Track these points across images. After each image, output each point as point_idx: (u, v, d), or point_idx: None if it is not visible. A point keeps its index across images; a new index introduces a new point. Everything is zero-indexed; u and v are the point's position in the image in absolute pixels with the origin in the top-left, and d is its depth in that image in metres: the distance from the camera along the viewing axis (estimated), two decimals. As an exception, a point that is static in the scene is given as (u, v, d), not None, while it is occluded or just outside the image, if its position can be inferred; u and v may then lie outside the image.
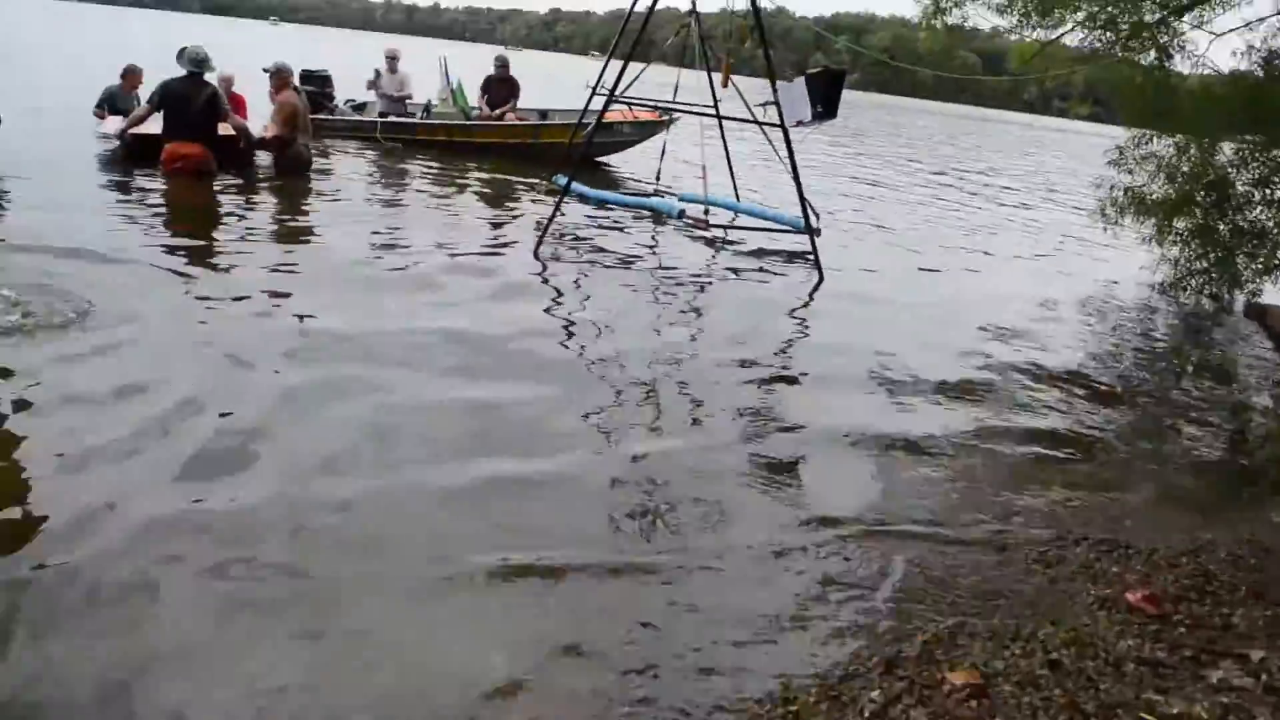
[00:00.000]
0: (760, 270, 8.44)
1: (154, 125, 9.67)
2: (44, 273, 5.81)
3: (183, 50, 9.65)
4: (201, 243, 7.27)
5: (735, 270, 8.33)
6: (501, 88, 14.53)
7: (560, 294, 6.90)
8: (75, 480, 3.51)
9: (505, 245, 8.22)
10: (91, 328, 5.04)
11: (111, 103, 11.10)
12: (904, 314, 7.55)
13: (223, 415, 4.16)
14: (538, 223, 8.74)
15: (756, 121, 8.63)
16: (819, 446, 4.60)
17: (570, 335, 5.97)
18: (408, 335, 5.51)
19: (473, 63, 17.86)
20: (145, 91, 10.63)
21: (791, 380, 5.64)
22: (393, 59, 14.58)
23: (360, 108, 14.67)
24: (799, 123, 8.24)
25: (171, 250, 6.86)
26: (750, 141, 11.42)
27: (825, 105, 8.11)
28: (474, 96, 14.46)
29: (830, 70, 8.33)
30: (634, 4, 9.10)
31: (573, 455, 4.18)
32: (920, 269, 9.48)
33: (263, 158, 10.58)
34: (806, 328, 6.90)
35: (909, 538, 3.78)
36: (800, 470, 4.32)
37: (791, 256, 8.97)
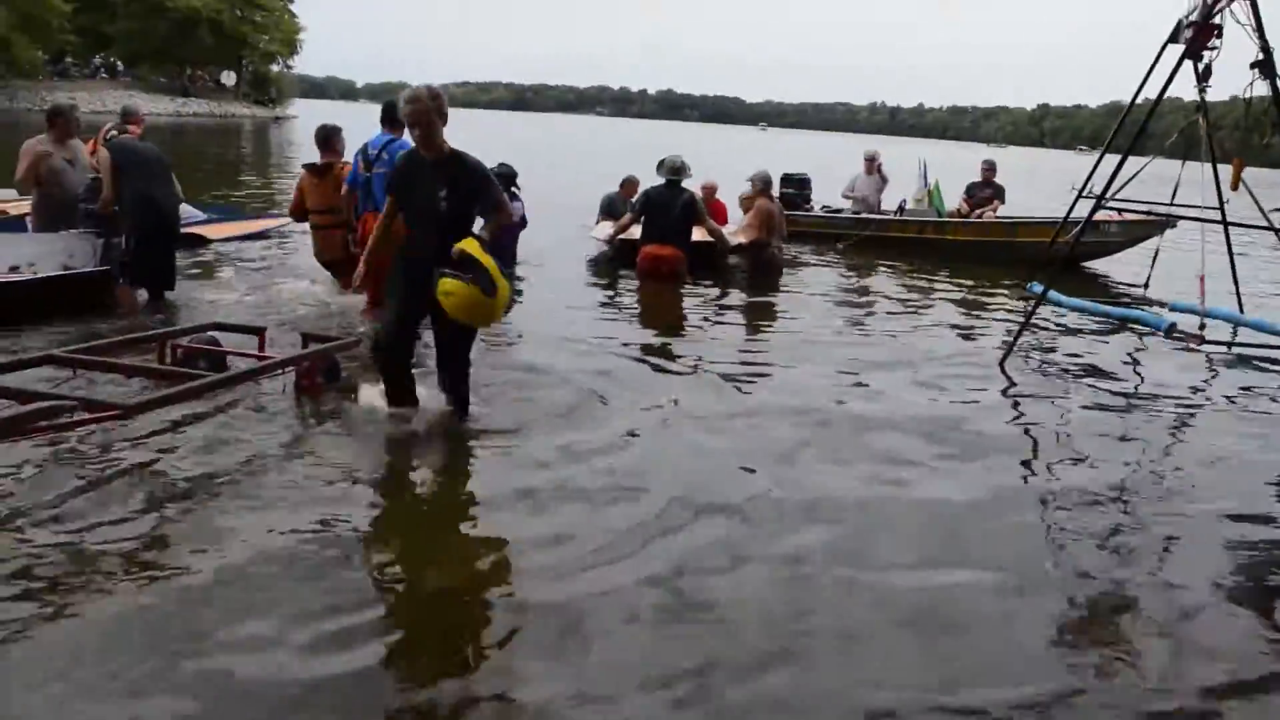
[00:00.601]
0: (1264, 397, 7.35)
1: (638, 231, 10.48)
2: (535, 365, 6.46)
3: (662, 161, 10.42)
4: (671, 343, 7.70)
5: (1232, 397, 7.23)
6: (985, 191, 14.21)
7: (1022, 414, 6.45)
8: (563, 582, 3.66)
9: (972, 355, 7.89)
10: (581, 421, 5.50)
11: (611, 208, 12.16)
12: None
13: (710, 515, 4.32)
14: (1007, 331, 8.33)
15: (1272, 228, 7.66)
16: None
17: (1031, 457, 5.54)
18: (864, 444, 5.42)
19: (956, 164, 17.63)
20: None
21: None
22: (871, 160, 14.79)
23: (835, 212, 14.98)
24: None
25: (647, 349, 7.33)
26: (1261, 246, 10.12)
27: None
28: (951, 200, 14.25)
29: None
30: (1135, 96, 8.44)
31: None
32: None
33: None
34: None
35: None
36: None
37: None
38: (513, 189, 10.27)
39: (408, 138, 7.54)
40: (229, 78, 73.32)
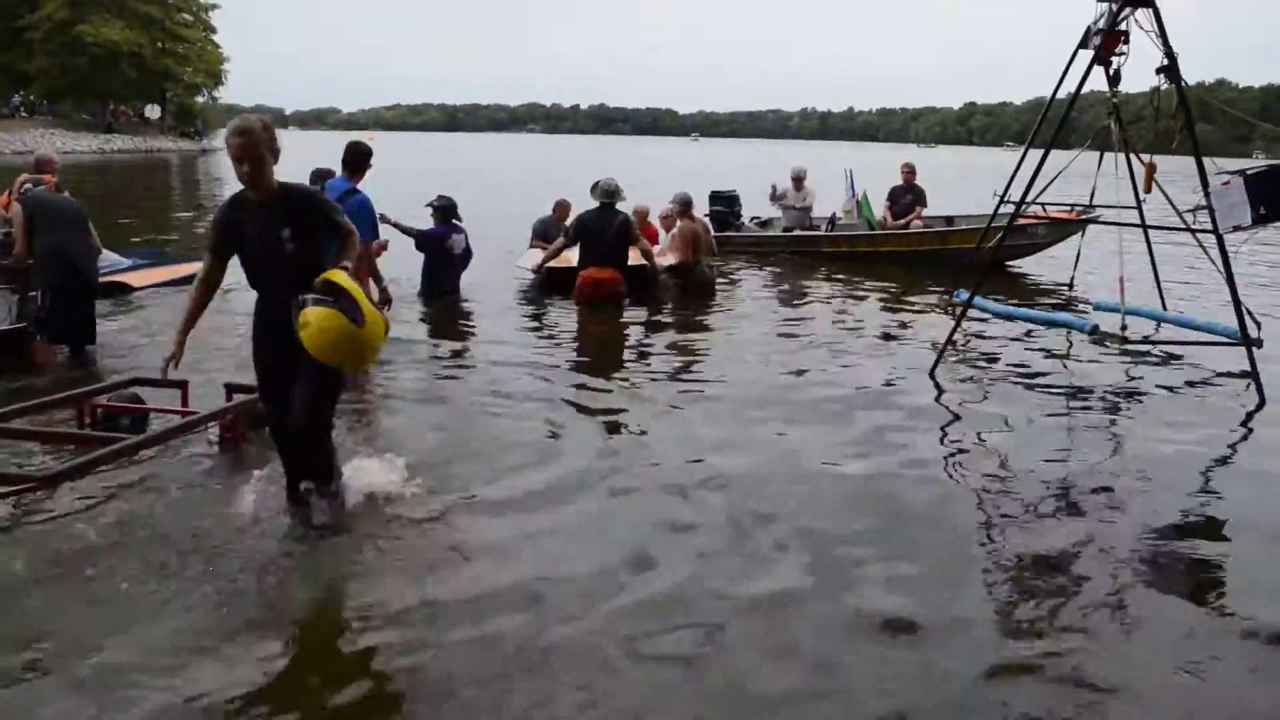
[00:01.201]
0: (1186, 390, 7.53)
1: (569, 258, 10.43)
2: (481, 402, 6.43)
3: (596, 184, 10.38)
4: (611, 371, 7.70)
5: (1156, 390, 7.45)
6: (906, 195, 14.43)
7: (958, 418, 6.54)
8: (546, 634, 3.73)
9: (902, 363, 7.99)
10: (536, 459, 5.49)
11: (544, 232, 12.10)
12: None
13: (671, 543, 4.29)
14: (935, 339, 8.43)
15: (1188, 228, 7.83)
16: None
17: (966, 466, 5.60)
18: (798, 476, 5.45)
19: (884, 166, 17.86)
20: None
21: (1214, 529, 4.88)
22: (798, 179, 14.93)
23: (765, 224, 15.11)
24: (1236, 227, 7.34)
25: (580, 387, 7.32)
26: (1177, 243, 10.35)
27: (1270, 207, 7.18)
28: (879, 207, 14.45)
29: (1277, 169, 7.37)
30: (1051, 99, 8.60)
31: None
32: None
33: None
34: (1242, 460, 6.01)
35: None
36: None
37: (1225, 375, 7.96)
38: (453, 220, 10.24)
39: (349, 184, 7.65)
40: (153, 111, 72.03)
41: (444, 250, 10.18)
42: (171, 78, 70.81)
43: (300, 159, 7.95)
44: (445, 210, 10.20)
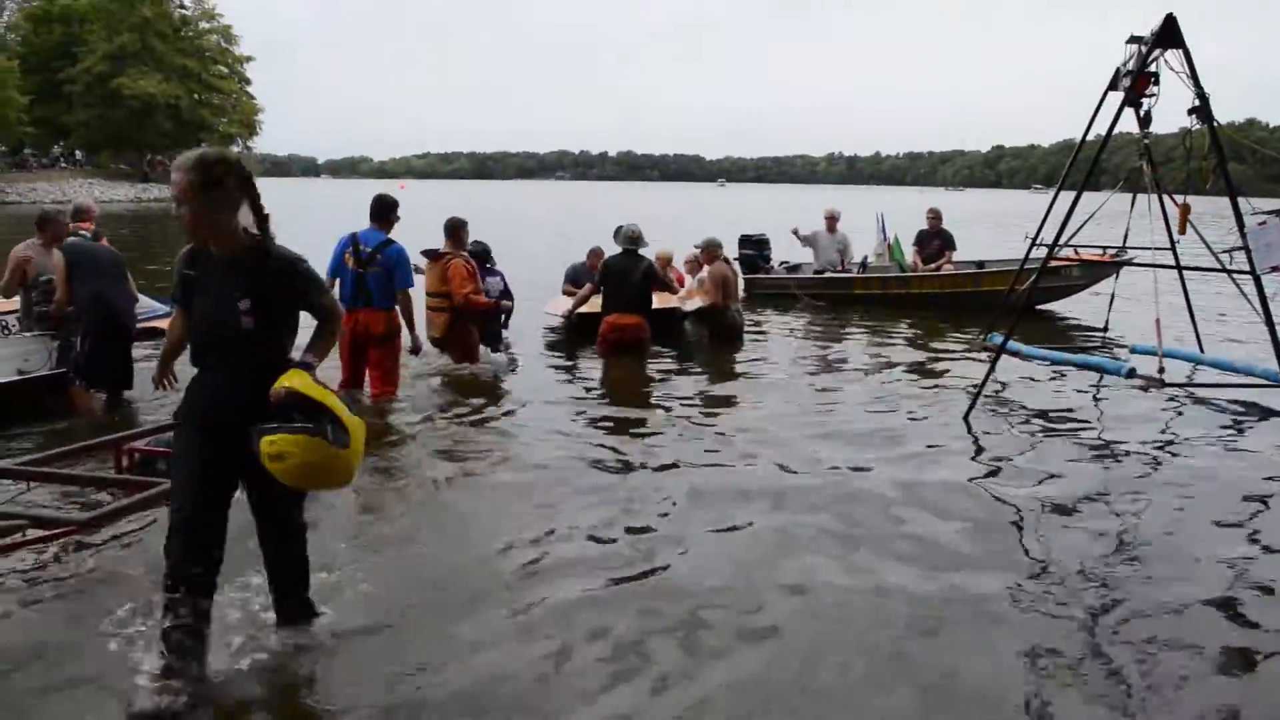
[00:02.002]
0: (1227, 434, 7.41)
1: (598, 304, 10.41)
2: (510, 453, 6.42)
3: (619, 229, 10.38)
4: (634, 417, 7.70)
5: (1194, 436, 7.29)
6: (933, 240, 14.41)
7: (993, 463, 6.47)
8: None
9: (936, 407, 7.93)
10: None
11: (575, 279, 12.13)
12: None
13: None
14: (969, 383, 8.38)
15: (1224, 270, 7.76)
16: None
17: (1000, 513, 5.52)
18: (832, 507, 5.40)
19: (915, 210, 17.83)
20: None
21: (1256, 575, 4.77)
22: (831, 219, 14.93)
23: (794, 269, 15.11)
24: (1275, 268, 7.27)
25: (608, 432, 7.32)
26: (1213, 284, 10.26)
27: (1308, 247, 7.11)
28: (908, 251, 14.45)
29: (1318, 207, 7.30)
30: (1081, 142, 8.59)
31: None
32: None
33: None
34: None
35: None
36: None
37: (1268, 415, 7.85)
38: (488, 265, 10.20)
39: (384, 235, 7.79)
40: (189, 161, 73.33)
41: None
42: (207, 128, 72.23)
43: (335, 205, 8.08)
44: (479, 256, 10.16)
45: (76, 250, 7.47)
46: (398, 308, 7.79)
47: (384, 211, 7.90)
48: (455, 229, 9.30)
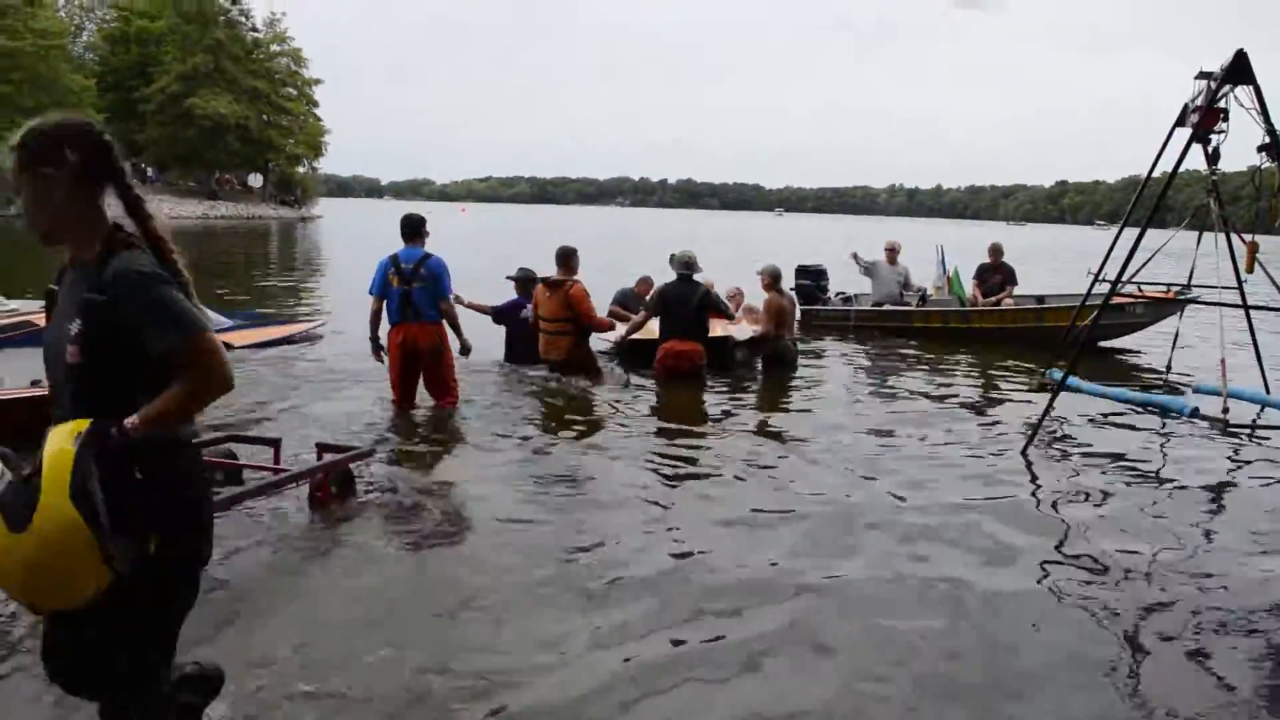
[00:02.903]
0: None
1: (651, 329, 10.42)
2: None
3: (673, 256, 10.41)
4: (694, 443, 7.70)
5: (1259, 477, 7.11)
6: (994, 275, 14.27)
7: (1050, 500, 6.36)
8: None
9: (994, 443, 7.82)
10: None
11: (624, 303, 12.17)
12: None
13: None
14: (1027, 419, 8.26)
15: (1290, 310, 7.60)
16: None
17: (1055, 551, 5.41)
18: (889, 539, 5.35)
19: (972, 245, 17.70)
20: None
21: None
22: (892, 250, 14.83)
23: (850, 300, 15.02)
24: (1344, 309, 7.10)
25: (669, 456, 7.33)
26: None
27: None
28: (968, 284, 14.31)
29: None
30: (1147, 178, 8.47)
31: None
32: None
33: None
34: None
35: None
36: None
37: (1340, 460, 7.64)
38: (530, 290, 10.17)
39: (423, 250, 8.02)
40: (256, 180, 74.89)
41: (520, 321, 10.22)
42: (274, 148, 73.68)
43: (395, 226, 8.30)
44: (525, 282, 10.33)
45: None
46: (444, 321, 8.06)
47: (416, 229, 8.21)
48: (567, 256, 9.85)
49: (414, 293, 7.93)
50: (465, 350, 8.33)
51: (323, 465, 5.57)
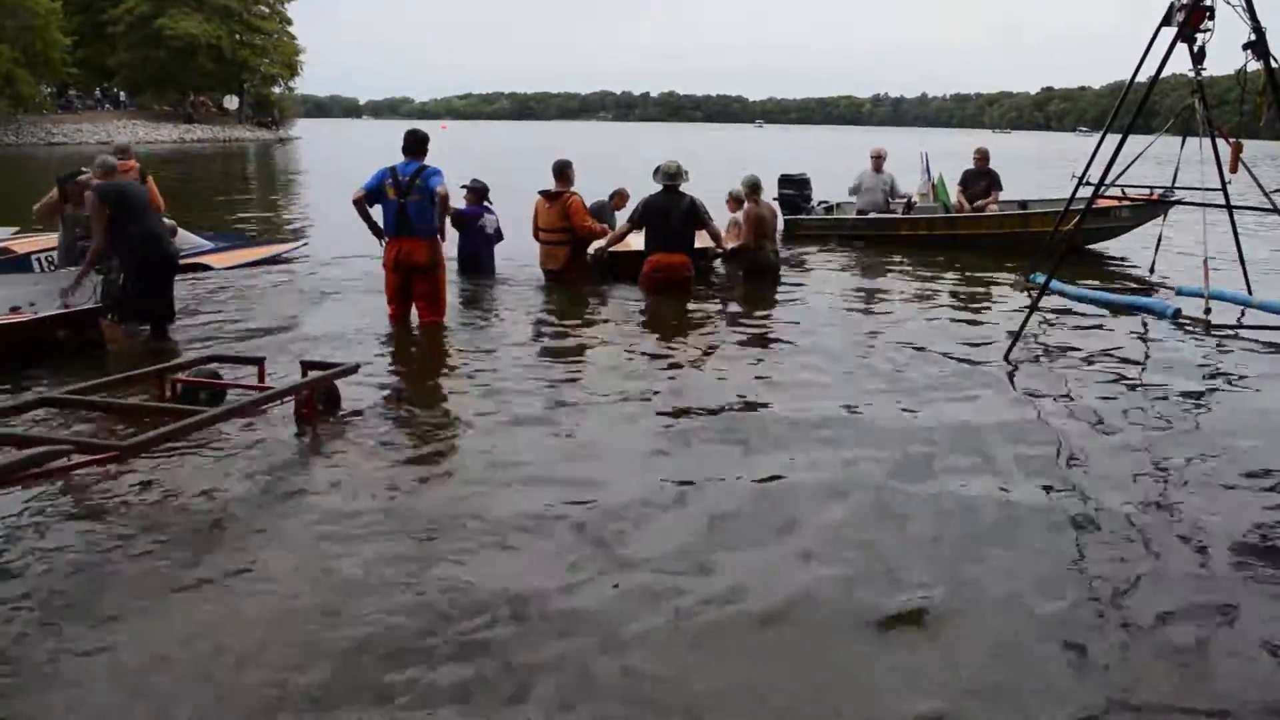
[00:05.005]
0: (1274, 376, 7.27)
1: (631, 243, 10.38)
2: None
3: (658, 168, 10.27)
4: (674, 350, 7.70)
5: (1240, 378, 7.13)
6: (980, 181, 14.19)
7: (1032, 403, 6.40)
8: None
9: (977, 347, 7.84)
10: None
11: (599, 215, 12.03)
12: None
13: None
14: (1011, 322, 8.29)
15: (1275, 209, 7.59)
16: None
17: (1035, 454, 5.46)
18: (875, 445, 5.40)
19: (963, 152, 17.54)
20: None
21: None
22: (878, 158, 14.68)
23: (832, 209, 14.90)
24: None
25: (652, 357, 7.34)
26: (1264, 226, 10.04)
27: (1363, 186, 6.94)
28: (953, 191, 14.22)
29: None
30: (1132, 79, 8.38)
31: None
32: None
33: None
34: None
35: None
36: None
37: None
38: (484, 203, 10.68)
39: (433, 163, 8.04)
40: (231, 102, 73.51)
41: (476, 229, 10.61)
42: (248, 69, 72.20)
43: (377, 145, 8.18)
44: (478, 191, 10.74)
45: (123, 191, 7.53)
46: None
47: (420, 144, 8.22)
48: (563, 168, 10.26)
49: (409, 206, 7.97)
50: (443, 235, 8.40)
51: (307, 382, 5.56)
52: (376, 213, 8.12)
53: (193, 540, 4.04)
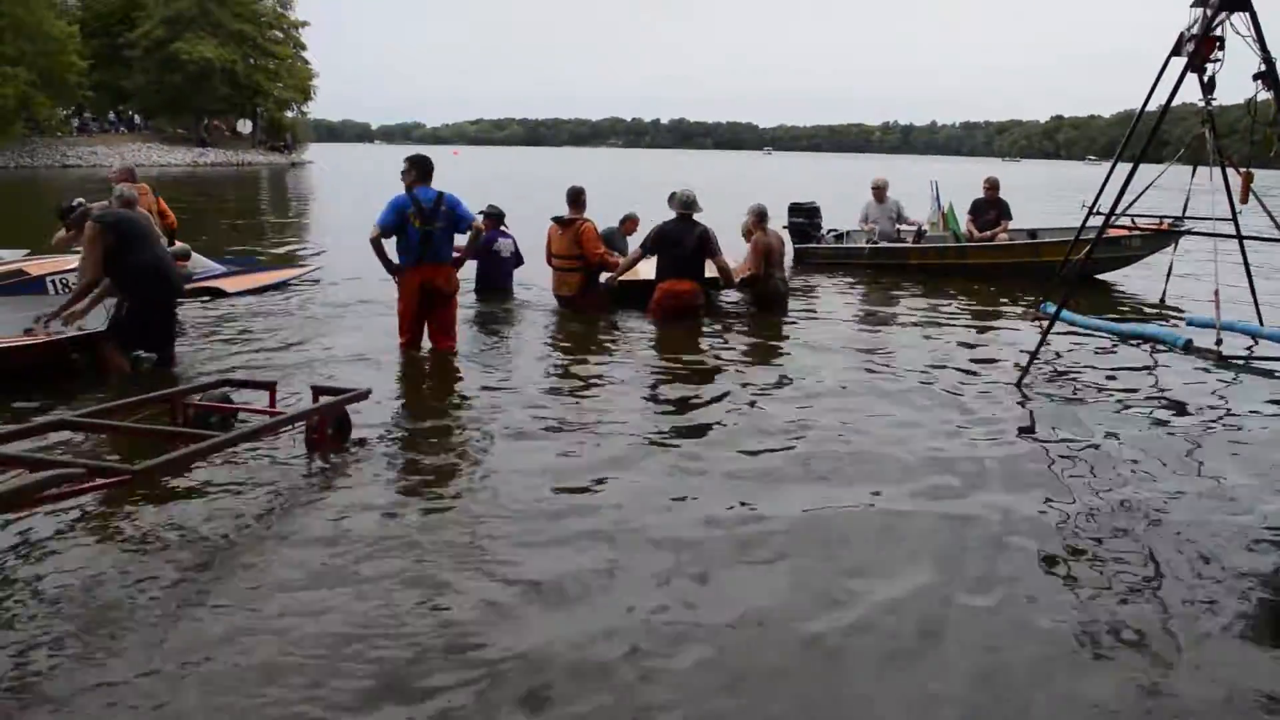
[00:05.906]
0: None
1: (640, 272, 10.34)
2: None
3: (673, 195, 10.28)
4: (684, 381, 7.72)
5: (1250, 410, 7.07)
6: (990, 210, 14.21)
7: (1043, 433, 6.39)
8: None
9: (988, 376, 7.83)
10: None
11: (609, 243, 12.06)
12: None
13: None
14: (1021, 352, 8.28)
15: (1284, 239, 7.59)
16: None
17: (1046, 483, 5.45)
18: (881, 471, 5.39)
19: (967, 181, 17.58)
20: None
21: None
22: (879, 189, 14.71)
23: (841, 237, 14.92)
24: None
25: (662, 387, 7.34)
26: (1275, 256, 10.02)
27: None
28: (962, 220, 14.24)
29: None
30: (1142, 108, 8.41)
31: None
32: None
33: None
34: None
35: None
36: None
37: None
38: (501, 227, 11.03)
39: (435, 189, 8.04)
40: (245, 126, 74.04)
41: (492, 253, 10.93)
42: (262, 93, 72.69)
43: (388, 170, 8.24)
44: (495, 217, 10.96)
45: (123, 222, 7.42)
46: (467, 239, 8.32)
47: (431, 171, 8.27)
48: (577, 195, 10.50)
49: (435, 234, 8.00)
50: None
51: (318, 408, 5.57)
52: (390, 245, 8.06)
53: (202, 564, 4.05)
